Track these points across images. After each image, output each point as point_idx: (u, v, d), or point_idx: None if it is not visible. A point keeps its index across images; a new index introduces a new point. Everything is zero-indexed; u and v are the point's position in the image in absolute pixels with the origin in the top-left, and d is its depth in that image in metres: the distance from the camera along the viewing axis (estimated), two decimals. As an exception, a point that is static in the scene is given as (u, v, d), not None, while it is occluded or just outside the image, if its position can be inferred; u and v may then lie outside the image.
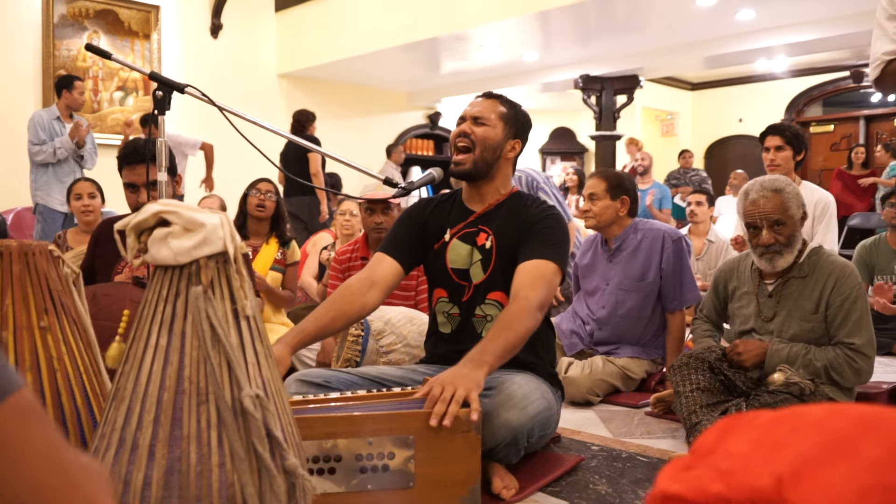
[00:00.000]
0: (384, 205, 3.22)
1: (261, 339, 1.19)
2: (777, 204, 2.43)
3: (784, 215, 2.42)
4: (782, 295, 2.51)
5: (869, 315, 2.41)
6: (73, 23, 7.54)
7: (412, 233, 2.30)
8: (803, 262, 2.49)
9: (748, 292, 2.61)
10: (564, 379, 2.92)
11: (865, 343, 2.36)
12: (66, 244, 3.89)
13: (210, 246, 1.12)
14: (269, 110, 8.98)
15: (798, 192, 2.47)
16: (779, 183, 2.46)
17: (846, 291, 2.39)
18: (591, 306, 3.27)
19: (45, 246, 1.38)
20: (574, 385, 2.93)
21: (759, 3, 6.51)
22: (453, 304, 2.25)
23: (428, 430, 1.66)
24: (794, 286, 2.49)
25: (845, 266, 2.44)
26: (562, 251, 2.14)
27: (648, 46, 8.07)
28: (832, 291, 2.41)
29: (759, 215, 2.45)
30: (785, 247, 2.44)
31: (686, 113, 12.99)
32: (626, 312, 3.15)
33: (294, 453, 1.17)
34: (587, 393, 2.95)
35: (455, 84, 10.06)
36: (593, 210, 3.18)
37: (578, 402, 2.95)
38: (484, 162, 2.20)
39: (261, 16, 9.08)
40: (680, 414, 2.42)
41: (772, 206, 2.43)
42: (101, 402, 1.36)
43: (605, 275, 3.24)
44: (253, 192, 3.76)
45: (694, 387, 2.40)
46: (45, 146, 5.39)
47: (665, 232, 3.15)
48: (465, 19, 7.22)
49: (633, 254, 3.17)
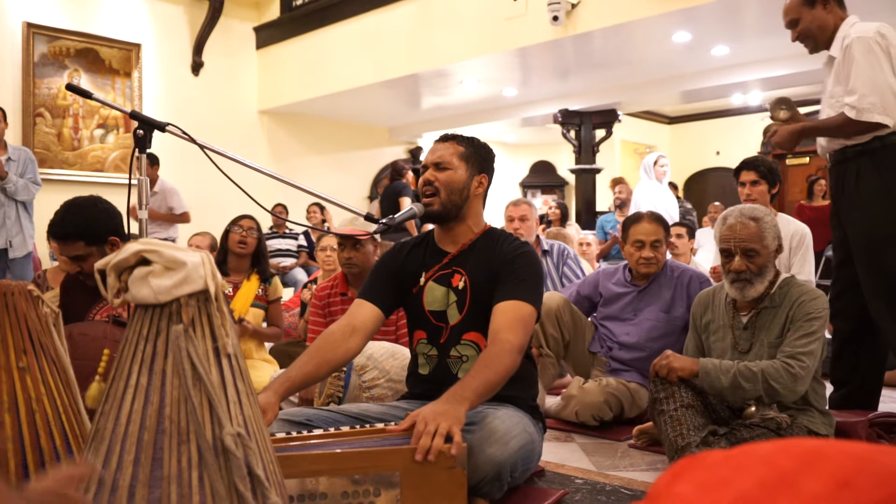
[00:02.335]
0: (353, 240, 3.23)
1: (242, 377, 1.18)
2: (753, 232, 2.44)
3: (759, 244, 2.43)
4: (756, 326, 2.51)
5: (822, 337, 2.37)
6: (54, 61, 7.56)
7: (388, 278, 2.31)
8: (775, 292, 2.49)
9: (723, 325, 2.61)
10: (581, 389, 2.99)
11: (806, 352, 2.32)
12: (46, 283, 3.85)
13: (191, 284, 1.13)
14: (251, 147, 9.01)
15: (776, 224, 2.49)
16: (758, 212, 2.48)
17: (808, 310, 2.38)
18: (614, 329, 3.31)
19: (25, 286, 1.37)
20: (590, 395, 2.97)
21: (734, 39, 6.65)
22: (432, 345, 2.27)
23: (413, 467, 1.66)
24: (766, 316, 2.50)
25: (812, 291, 2.44)
26: (538, 292, 2.16)
27: (626, 81, 8.20)
28: (795, 312, 2.41)
29: (735, 241, 2.46)
30: (756, 276, 2.45)
31: (664, 146, 13.17)
32: (654, 341, 3.18)
33: (276, 492, 1.16)
34: (602, 403, 2.97)
35: (436, 119, 10.15)
36: (657, 256, 3.24)
37: (585, 420, 2.98)
38: (452, 204, 2.23)
39: (242, 53, 9.15)
40: (665, 437, 2.37)
41: (747, 233, 2.44)
42: (80, 443, 1.35)
43: (635, 305, 3.29)
44: (235, 228, 3.76)
45: (679, 404, 2.38)
46: None
47: (693, 273, 3.27)
48: (445, 56, 7.32)
49: (664, 289, 3.25)
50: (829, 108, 2.90)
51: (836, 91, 2.84)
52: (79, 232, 2.56)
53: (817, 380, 2.46)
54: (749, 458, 0.56)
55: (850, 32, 2.78)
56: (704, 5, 5.61)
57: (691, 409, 2.38)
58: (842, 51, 2.79)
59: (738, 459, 0.57)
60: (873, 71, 2.69)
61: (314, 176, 9.45)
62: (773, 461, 0.54)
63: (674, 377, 2.44)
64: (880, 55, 2.70)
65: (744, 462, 0.56)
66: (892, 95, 2.70)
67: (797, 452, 0.54)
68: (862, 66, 2.70)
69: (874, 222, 2.80)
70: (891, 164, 2.78)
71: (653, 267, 3.24)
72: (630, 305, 3.29)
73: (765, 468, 0.54)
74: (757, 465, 0.55)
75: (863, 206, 2.82)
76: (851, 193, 2.87)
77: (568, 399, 3.05)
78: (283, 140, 9.58)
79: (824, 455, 0.53)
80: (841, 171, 2.92)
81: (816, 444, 0.55)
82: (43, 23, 7.48)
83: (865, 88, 2.69)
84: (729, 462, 0.57)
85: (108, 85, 7.94)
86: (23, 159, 5.42)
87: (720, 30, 6.39)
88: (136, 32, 8.18)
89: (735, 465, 0.56)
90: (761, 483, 0.53)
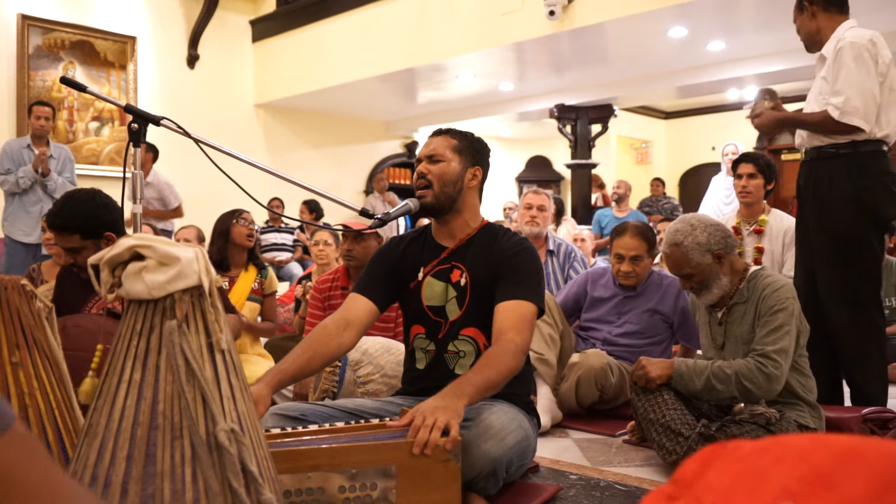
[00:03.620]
0: (354, 233, 3.23)
1: (236, 372, 1.18)
2: (677, 258, 2.51)
3: (688, 267, 2.49)
4: (728, 322, 2.55)
5: (791, 328, 2.36)
6: (49, 53, 7.52)
7: (385, 272, 2.31)
8: (744, 287, 2.51)
9: (704, 322, 2.67)
10: (582, 354, 3.04)
11: (777, 350, 2.32)
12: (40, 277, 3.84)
13: (185, 280, 1.12)
14: (246, 140, 8.98)
15: (702, 240, 2.48)
16: (677, 237, 2.51)
17: (771, 304, 2.39)
18: (600, 329, 3.36)
19: (18, 280, 1.36)
20: (593, 358, 3.00)
21: (729, 34, 6.64)
22: (430, 340, 2.26)
23: (409, 461, 1.66)
24: (736, 312, 2.53)
25: (776, 282, 2.45)
26: (539, 290, 2.17)
27: (622, 76, 8.20)
28: (760, 306, 2.43)
29: (670, 269, 2.57)
30: (702, 287, 2.51)
31: (660, 141, 13.17)
32: (633, 343, 3.26)
33: (269, 488, 1.16)
34: (606, 365, 2.99)
35: (432, 113, 10.13)
36: (636, 271, 3.27)
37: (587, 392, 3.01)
38: (446, 196, 2.23)
39: (238, 46, 9.12)
40: (661, 447, 2.37)
41: (672, 261, 2.52)
42: (73, 438, 1.35)
43: (619, 308, 3.33)
44: (241, 221, 3.73)
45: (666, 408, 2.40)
46: (10, 175, 5.32)
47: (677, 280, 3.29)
48: (442, 50, 7.30)
49: (650, 296, 3.29)
50: (815, 103, 2.97)
51: (825, 89, 2.90)
52: (76, 224, 2.57)
53: (803, 373, 2.47)
54: (787, 452, 0.56)
55: (845, 35, 2.86)
56: (700, 1, 5.60)
57: (677, 411, 2.40)
58: (834, 52, 2.85)
59: (774, 452, 0.57)
60: (861, 77, 2.77)
61: (310, 170, 9.44)
62: (812, 458, 0.54)
63: (653, 385, 2.47)
64: (869, 62, 2.78)
65: (782, 455, 0.56)
66: (873, 103, 2.79)
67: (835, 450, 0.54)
68: (852, 71, 2.79)
69: (840, 228, 2.85)
70: (861, 173, 2.85)
71: (631, 280, 3.29)
72: (615, 308, 3.34)
73: (804, 465, 0.54)
74: (796, 461, 0.55)
75: (832, 211, 2.88)
76: (823, 196, 2.93)
77: (570, 368, 3.06)
78: (279, 134, 9.56)
79: (861, 455, 0.53)
80: (813, 168, 2.99)
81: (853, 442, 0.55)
82: (38, 15, 7.44)
83: (852, 92, 2.78)
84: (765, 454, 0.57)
85: (104, 77, 7.91)
86: (63, 157, 5.51)
87: (716, 25, 6.39)
88: (131, 25, 8.15)
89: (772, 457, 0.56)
90: (802, 480, 0.53)
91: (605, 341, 3.30)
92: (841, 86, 2.80)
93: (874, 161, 2.85)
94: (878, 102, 2.79)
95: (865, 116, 2.77)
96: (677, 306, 3.24)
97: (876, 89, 2.79)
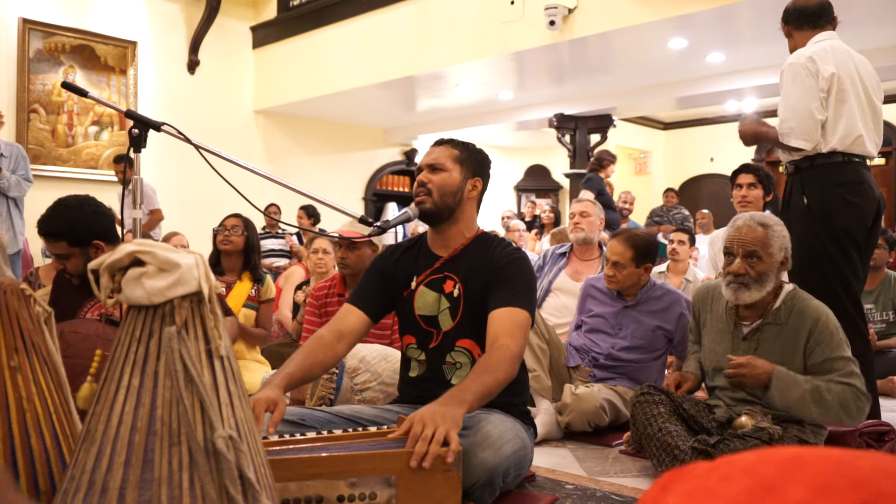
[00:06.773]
0: (348, 241, 3.23)
1: (234, 379, 1.18)
2: (758, 236, 2.42)
3: (762, 250, 2.41)
4: (759, 341, 2.47)
5: (848, 349, 2.36)
6: (49, 57, 7.53)
7: (378, 282, 2.32)
8: (780, 307, 2.45)
9: (722, 330, 2.58)
10: (575, 397, 2.93)
11: (858, 374, 2.31)
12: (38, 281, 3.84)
13: (184, 286, 1.12)
14: (246, 146, 9.00)
15: (785, 236, 2.46)
16: (769, 220, 2.46)
17: (823, 339, 2.35)
18: (596, 340, 3.30)
19: (17, 284, 1.36)
20: (585, 402, 2.92)
21: (729, 46, 6.67)
22: (421, 350, 2.27)
23: (410, 470, 1.66)
24: (770, 332, 2.46)
25: (819, 310, 2.40)
26: (532, 298, 2.17)
27: (621, 87, 8.22)
28: (809, 341, 2.38)
29: (738, 242, 2.44)
30: (754, 282, 2.41)
31: (659, 152, 13.20)
32: (635, 358, 3.21)
33: (267, 495, 1.15)
34: (598, 409, 2.94)
35: (431, 121, 10.15)
36: (617, 277, 3.19)
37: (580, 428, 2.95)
38: (445, 205, 2.23)
39: (238, 52, 9.13)
40: (660, 462, 2.36)
41: (752, 236, 2.42)
42: (71, 444, 1.34)
43: (619, 320, 3.27)
44: (220, 228, 3.79)
45: (663, 421, 2.39)
46: None
47: (679, 297, 3.26)
48: (441, 59, 7.32)
49: (649, 307, 3.23)
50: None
51: None
52: (63, 231, 2.56)
53: None
54: (733, 468, 0.57)
55: (790, 57, 2.95)
56: (700, 12, 5.62)
57: (674, 425, 2.39)
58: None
59: (722, 470, 0.58)
60: (797, 96, 2.83)
61: (309, 176, 9.44)
62: (757, 470, 0.55)
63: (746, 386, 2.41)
64: (807, 80, 2.83)
65: (728, 472, 0.57)
66: (811, 120, 2.82)
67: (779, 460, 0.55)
68: (789, 92, 2.86)
69: (796, 244, 2.85)
70: (813, 187, 2.89)
71: (613, 285, 3.24)
72: (614, 319, 3.29)
73: (749, 478, 0.54)
74: (741, 475, 0.55)
75: (790, 226, 2.89)
76: (784, 211, 2.99)
77: (562, 408, 3.01)
78: (279, 140, 9.57)
79: (804, 462, 0.53)
80: (787, 183, 3.06)
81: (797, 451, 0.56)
82: (39, 19, 7.45)
83: (787, 113, 2.86)
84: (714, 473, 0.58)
85: (104, 82, 7.91)
86: (15, 155, 5.41)
87: (715, 37, 6.41)
88: (132, 30, 8.16)
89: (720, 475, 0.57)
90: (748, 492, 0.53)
91: (607, 356, 3.24)
92: (779, 108, 2.89)
93: (830, 173, 2.87)
94: (817, 118, 2.81)
95: (802, 134, 2.81)
96: (680, 323, 3.20)
97: (814, 105, 2.81)
